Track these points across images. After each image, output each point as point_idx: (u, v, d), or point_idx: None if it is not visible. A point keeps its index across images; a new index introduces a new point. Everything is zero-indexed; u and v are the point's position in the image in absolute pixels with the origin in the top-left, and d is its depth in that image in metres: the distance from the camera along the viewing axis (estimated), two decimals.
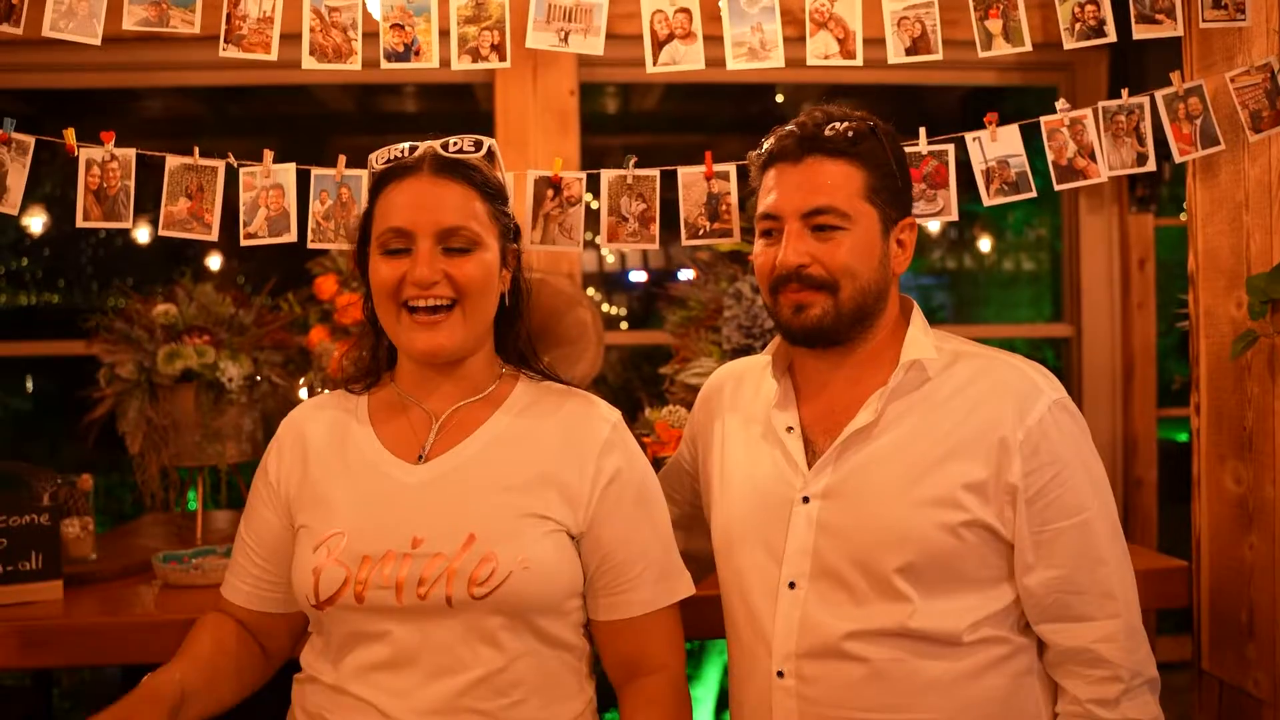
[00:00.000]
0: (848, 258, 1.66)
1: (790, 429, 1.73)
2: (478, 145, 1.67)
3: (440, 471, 1.62)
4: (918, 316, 1.75)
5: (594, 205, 2.15)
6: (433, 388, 1.69)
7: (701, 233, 2.12)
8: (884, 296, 1.71)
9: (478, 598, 1.53)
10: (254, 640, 1.75)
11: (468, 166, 1.66)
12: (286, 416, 1.77)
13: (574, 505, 1.62)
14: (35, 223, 4.53)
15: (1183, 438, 2.32)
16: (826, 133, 1.68)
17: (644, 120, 4.71)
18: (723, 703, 3.27)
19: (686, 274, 3.11)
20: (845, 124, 1.68)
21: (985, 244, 5.10)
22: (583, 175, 2.11)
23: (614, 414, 1.73)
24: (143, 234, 4.37)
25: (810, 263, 1.67)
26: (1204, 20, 2.02)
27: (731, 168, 2.10)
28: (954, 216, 2.04)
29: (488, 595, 1.53)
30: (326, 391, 1.84)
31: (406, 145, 1.67)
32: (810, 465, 1.69)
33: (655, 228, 2.12)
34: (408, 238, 1.60)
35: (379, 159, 1.68)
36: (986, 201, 2.05)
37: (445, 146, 1.66)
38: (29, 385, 4.78)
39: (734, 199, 2.11)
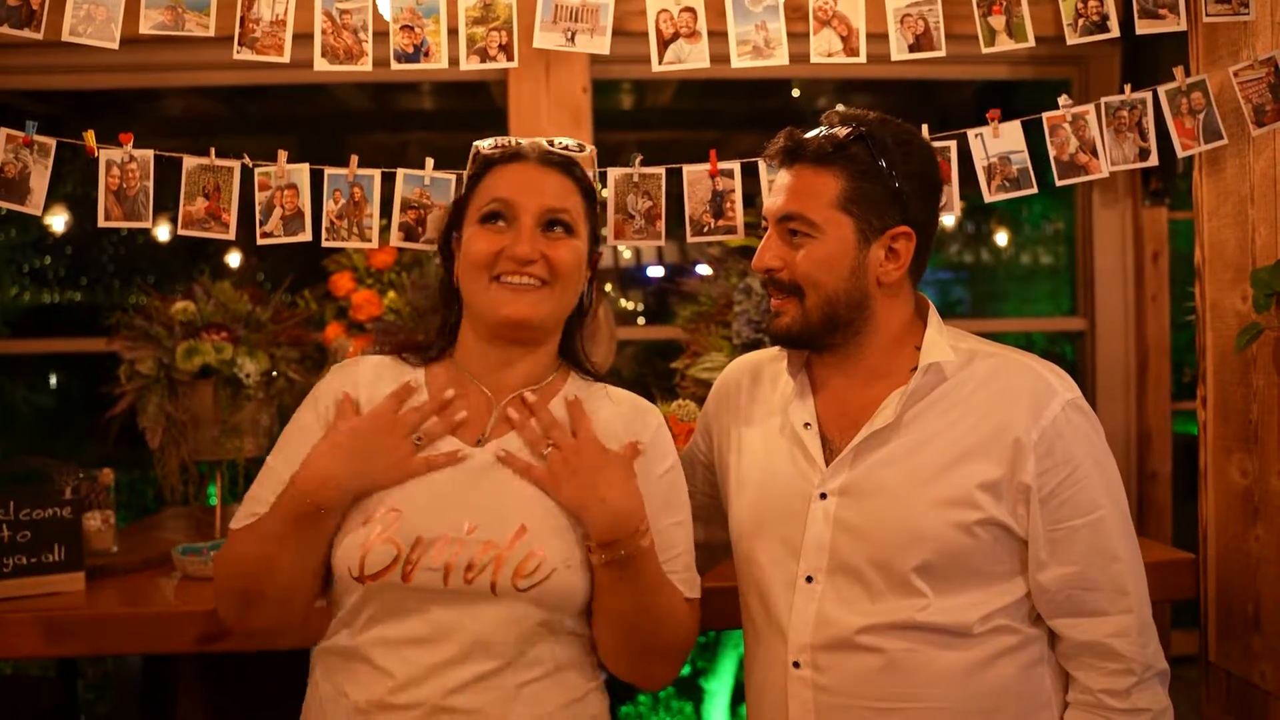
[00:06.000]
0: (809, 266, 1.68)
1: (808, 425, 1.74)
2: (581, 147, 1.75)
3: (497, 457, 1.64)
4: (934, 317, 1.75)
5: (603, 195, 2.18)
6: (496, 368, 1.70)
7: (706, 229, 2.14)
8: (863, 306, 1.71)
9: (521, 590, 1.56)
10: None
11: (571, 162, 1.73)
12: (339, 370, 1.74)
13: None
14: (57, 221, 4.59)
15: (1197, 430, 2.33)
16: (808, 140, 1.70)
17: (657, 116, 4.73)
18: (738, 696, 3.30)
19: (703, 269, 3.13)
20: (831, 130, 1.69)
21: (1002, 238, 5.09)
22: (591, 173, 2.14)
23: (654, 413, 1.77)
24: (163, 232, 4.42)
25: (781, 267, 1.71)
26: (1207, 14, 2.02)
27: (736, 165, 2.12)
28: (955, 212, 2.06)
29: (531, 589, 1.57)
30: (377, 354, 1.81)
31: (513, 138, 1.73)
32: (827, 461, 1.71)
33: (661, 224, 2.14)
34: (511, 209, 1.64)
35: (485, 144, 1.73)
36: (988, 198, 2.06)
37: (550, 142, 1.73)
38: (52, 381, 4.85)
39: (738, 196, 2.13)
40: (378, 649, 1.58)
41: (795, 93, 4.45)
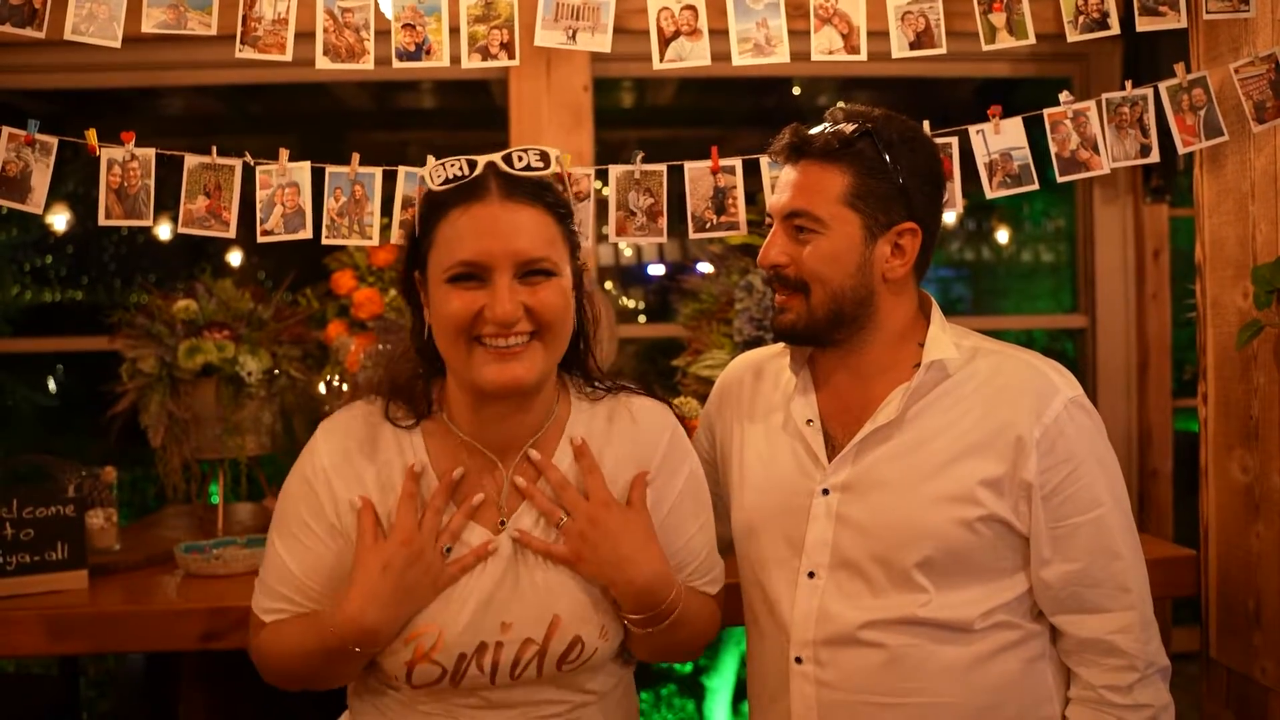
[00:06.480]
0: (815, 263, 1.68)
1: (810, 421, 1.75)
2: (545, 159, 1.49)
3: (513, 539, 1.56)
4: (937, 314, 1.75)
5: (605, 193, 2.19)
6: (495, 425, 1.56)
7: (709, 226, 2.14)
8: (868, 302, 1.70)
9: (564, 672, 1.56)
10: None
11: (539, 185, 1.50)
12: (328, 451, 1.57)
13: None
14: (59, 220, 4.60)
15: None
16: (814, 136, 1.70)
17: (659, 114, 4.73)
18: (740, 693, 3.30)
19: (705, 266, 3.14)
20: (837, 127, 1.69)
21: (1003, 235, 5.09)
22: (591, 170, 2.15)
23: (667, 423, 1.68)
24: (164, 231, 4.43)
25: (788, 263, 1.71)
26: (1208, 12, 2.02)
27: (738, 161, 2.13)
28: (956, 208, 2.06)
29: (575, 668, 1.57)
30: (363, 404, 1.63)
31: (464, 161, 1.48)
32: (830, 458, 1.71)
33: (663, 222, 2.14)
34: (483, 270, 1.45)
35: (435, 177, 1.47)
36: (989, 194, 2.07)
37: (509, 161, 1.48)
38: (54, 380, 4.85)
39: (740, 193, 2.13)
40: (437, 705, 1.57)
41: (796, 90, 4.45)
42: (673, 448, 1.66)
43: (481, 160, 1.48)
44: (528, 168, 1.48)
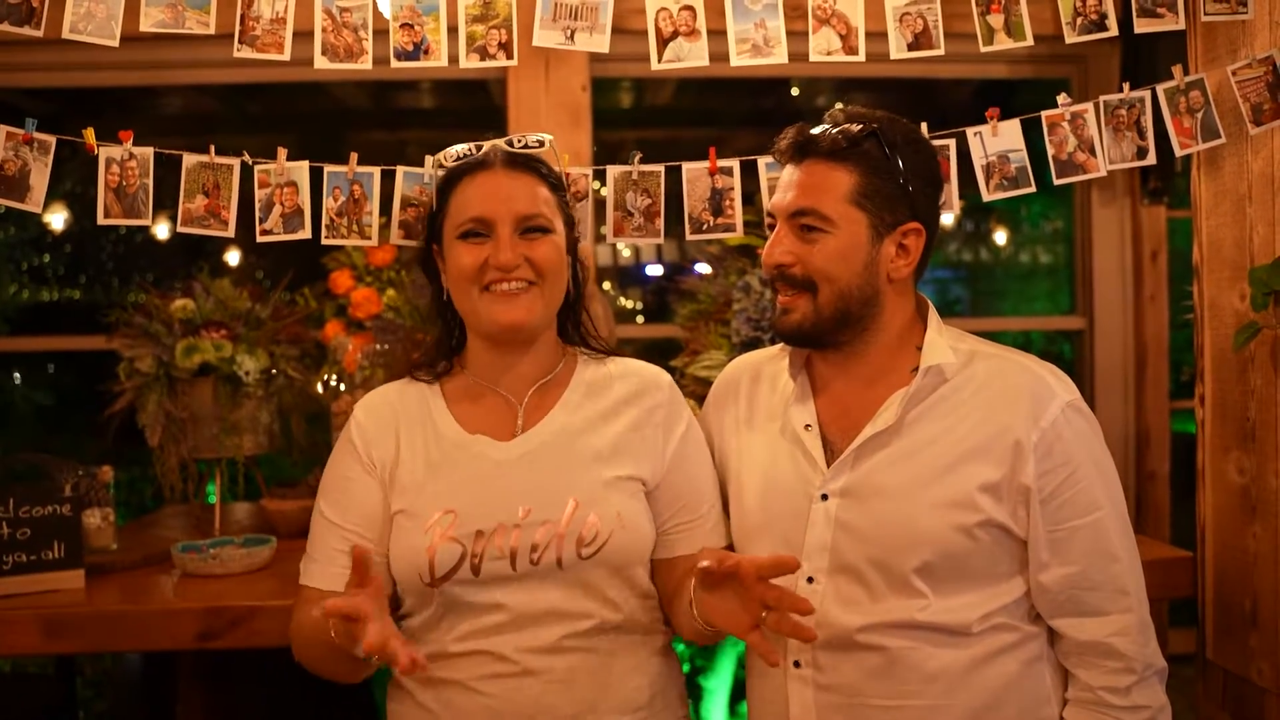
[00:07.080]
0: (823, 262, 1.68)
1: (808, 426, 1.75)
2: (541, 143, 1.78)
3: (531, 446, 1.72)
4: (934, 317, 1.76)
5: (603, 193, 2.19)
6: (507, 369, 1.77)
7: (705, 227, 2.14)
8: (873, 302, 1.71)
9: (585, 557, 1.65)
10: None
11: (535, 160, 1.77)
12: (363, 403, 1.81)
13: (652, 461, 1.77)
14: (57, 219, 4.59)
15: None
16: (821, 135, 1.70)
17: (657, 114, 4.73)
18: (737, 694, 3.29)
19: (702, 267, 3.14)
20: (843, 126, 1.69)
21: (1001, 237, 5.09)
22: (588, 170, 2.15)
23: (665, 377, 1.85)
24: (162, 230, 4.43)
25: (794, 262, 1.70)
26: (1206, 13, 2.02)
27: (735, 163, 2.13)
28: (953, 210, 2.06)
29: (594, 554, 1.65)
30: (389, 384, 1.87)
31: (472, 144, 1.76)
32: (829, 463, 1.71)
33: (660, 222, 2.14)
34: (488, 225, 1.70)
35: (448, 158, 1.77)
36: (986, 196, 2.07)
37: (510, 143, 1.76)
38: (50, 378, 4.85)
39: (737, 194, 2.13)
40: (466, 642, 1.65)
41: (794, 91, 4.46)
42: (673, 397, 1.83)
43: (487, 144, 1.76)
44: (525, 146, 1.77)
